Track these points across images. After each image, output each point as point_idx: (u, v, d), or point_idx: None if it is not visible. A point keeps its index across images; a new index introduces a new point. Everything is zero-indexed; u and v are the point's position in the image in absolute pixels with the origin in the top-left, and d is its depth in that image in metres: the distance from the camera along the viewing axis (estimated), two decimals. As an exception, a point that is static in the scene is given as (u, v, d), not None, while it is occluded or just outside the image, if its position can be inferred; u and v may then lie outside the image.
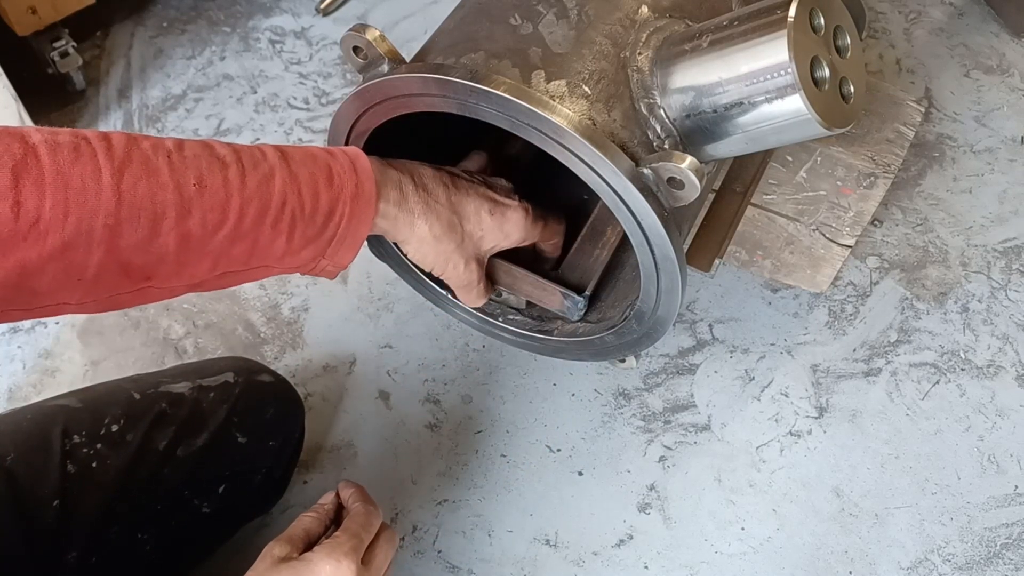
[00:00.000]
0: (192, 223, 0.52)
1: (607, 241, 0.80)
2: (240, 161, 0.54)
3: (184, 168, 0.52)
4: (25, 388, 0.97)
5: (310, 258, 0.59)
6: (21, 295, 0.49)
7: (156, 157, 0.51)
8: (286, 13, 1.32)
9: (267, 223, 0.55)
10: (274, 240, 0.56)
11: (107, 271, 0.50)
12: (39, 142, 0.48)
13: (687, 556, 0.89)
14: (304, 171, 0.57)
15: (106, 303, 0.53)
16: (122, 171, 0.49)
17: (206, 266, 0.54)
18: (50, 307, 0.51)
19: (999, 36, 1.31)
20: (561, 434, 0.96)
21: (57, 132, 0.50)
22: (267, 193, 0.54)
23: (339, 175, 0.58)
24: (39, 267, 0.47)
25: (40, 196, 0.46)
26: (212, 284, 0.57)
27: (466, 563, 0.89)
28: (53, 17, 1.09)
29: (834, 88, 0.60)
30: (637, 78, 0.63)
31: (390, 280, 1.05)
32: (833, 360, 1.01)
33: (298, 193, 0.56)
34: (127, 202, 0.49)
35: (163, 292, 0.55)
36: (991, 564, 0.89)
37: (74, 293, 0.50)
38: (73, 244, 0.48)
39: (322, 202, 0.57)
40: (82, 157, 0.49)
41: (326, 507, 0.68)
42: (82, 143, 0.49)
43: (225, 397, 0.77)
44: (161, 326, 1.02)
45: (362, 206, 0.59)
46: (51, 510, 0.67)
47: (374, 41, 0.63)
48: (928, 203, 1.14)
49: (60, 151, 0.48)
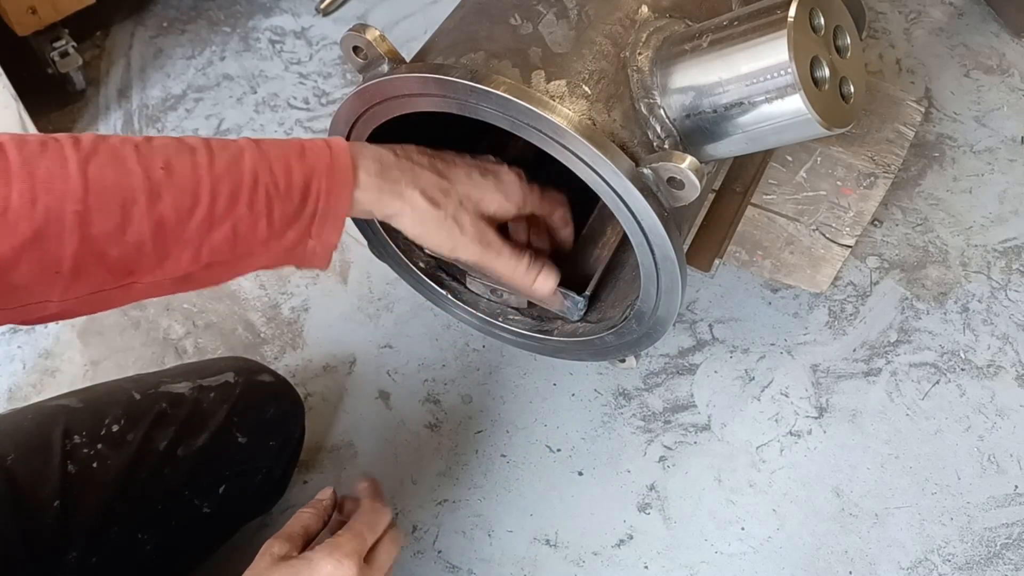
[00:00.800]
0: (163, 207, 0.51)
1: (607, 241, 0.80)
2: (208, 145, 0.54)
3: (151, 155, 0.52)
4: (25, 388, 0.97)
5: (296, 240, 0.57)
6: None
7: (123, 147, 0.51)
8: (286, 13, 1.32)
9: (242, 203, 0.54)
10: (255, 223, 0.55)
11: (84, 263, 0.50)
12: (6, 140, 0.49)
13: (687, 556, 0.89)
14: (274, 149, 0.56)
15: (91, 300, 0.53)
16: (88, 160, 0.50)
17: (188, 256, 0.53)
18: (32, 305, 0.51)
19: (999, 36, 1.31)
20: (561, 434, 0.96)
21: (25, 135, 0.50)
22: (237, 171, 0.54)
23: (311, 151, 0.57)
24: (12, 258, 0.48)
25: (7, 185, 0.47)
26: (201, 278, 0.56)
27: (466, 563, 0.89)
28: (53, 17, 1.09)
29: (834, 88, 0.60)
30: (637, 78, 0.63)
31: (390, 280, 1.05)
32: (833, 360, 1.01)
33: (269, 170, 0.55)
34: (95, 189, 0.49)
35: (149, 288, 0.54)
36: (991, 564, 0.89)
37: (54, 288, 0.50)
38: (44, 233, 0.48)
39: (295, 176, 0.56)
40: (48, 151, 0.49)
41: (324, 503, 0.67)
42: (50, 141, 0.50)
43: (225, 397, 0.77)
44: (161, 326, 1.02)
45: (339, 177, 0.57)
46: (51, 510, 0.67)
47: (374, 41, 0.63)
48: (928, 203, 1.14)
49: (26, 146, 0.49)
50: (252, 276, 1.06)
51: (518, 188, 0.67)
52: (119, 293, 0.53)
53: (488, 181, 0.65)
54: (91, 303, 0.53)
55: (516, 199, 0.67)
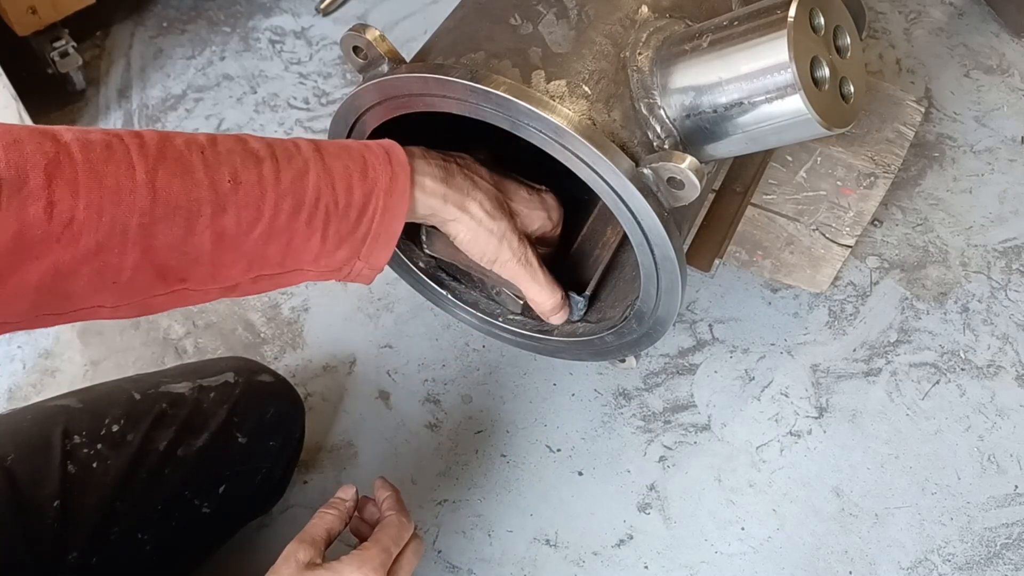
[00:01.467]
0: (227, 221, 0.50)
1: (607, 241, 0.80)
2: (274, 156, 0.53)
3: (218, 164, 0.51)
4: (25, 388, 0.97)
5: (345, 258, 0.57)
6: (54, 299, 0.48)
7: (190, 153, 0.50)
8: (286, 13, 1.32)
9: (301, 219, 0.53)
10: (309, 238, 0.54)
11: (142, 272, 0.49)
12: (71, 140, 0.47)
13: (687, 556, 0.89)
14: (338, 164, 0.55)
15: (140, 306, 0.52)
16: (156, 168, 0.48)
17: (241, 267, 0.53)
18: (83, 311, 0.50)
19: (999, 36, 1.31)
20: (561, 434, 0.96)
21: (88, 131, 0.48)
22: (301, 188, 0.53)
23: (373, 167, 0.56)
24: (73, 269, 0.47)
25: (74, 196, 0.46)
26: (246, 288, 0.55)
27: (466, 563, 0.89)
28: (53, 17, 1.09)
29: (834, 88, 0.60)
30: (637, 78, 0.63)
31: (390, 280, 1.05)
32: (833, 360, 1.01)
33: (332, 187, 0.54)
34: (162, 200, 0.48)
35: (197, 295, 0.54)
36: (991, 564, 0.89)
37: (109, 296, 0.50)
38: (107, 245, 0.47)
39: (355, 196, 0.55)
40: (115, 155, 0.48)
41: (347, 503, 0.67)
42: (114, 140, 0.48)
43: (225, 397, 0.77)
44: (161, 326, 1.02)
45: (396, 198, 0.57)
46: (52, 510, 0.67)
47: (374, 41, 0.63)
48: (928, 203, 1.14)
49: (93, 149, 0.47)
50: (252, 276, 1.06)
51: (557, 211, 0.69)
52: (167, 299, 0.53)
53: (534, 199, 0.67)
54: (139, 308, 0.52)
55: (556, 220, 0.69)
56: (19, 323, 0.49)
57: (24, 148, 0.45)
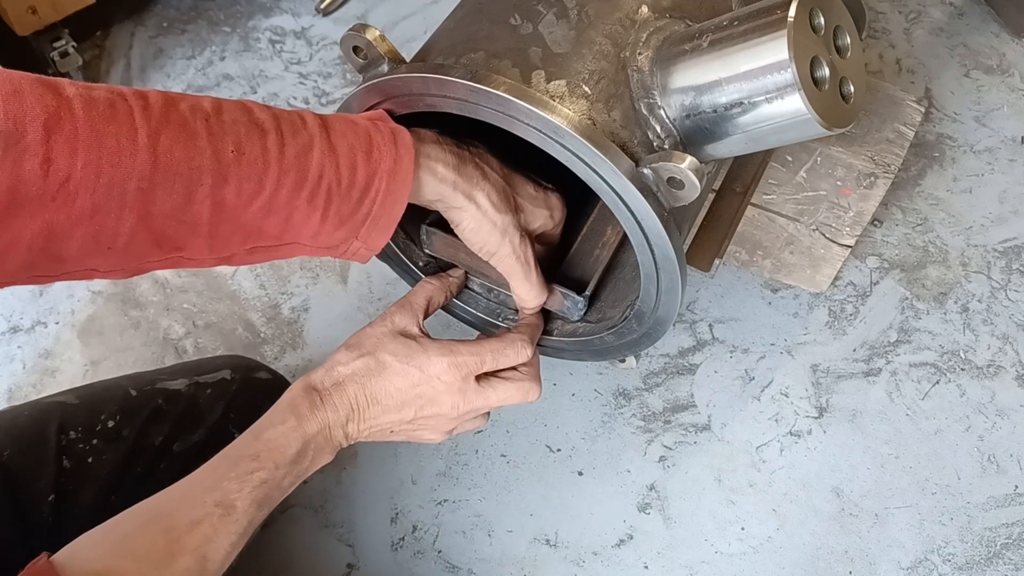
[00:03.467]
0: (228, 191, 0.50)
1: (607, 241, 0.80)
2: (280, 128, 0.52)
3: (223, 133, 0.49)
4: (25, 388, 0.97)
5: (343, 238, 0.56)
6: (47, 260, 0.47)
7: (194, 120, 0.49)
8: (286, 13, 1.32)
9: (303, 196, 0.52)
10: (309, 216, 0.53)
11: (138, 238, 0.48)
12: (73, 95, 0.45)
13: (687, 556, 0.89)
14: (343, 143, 0.54)
15: (134, 271, 0.52)
16: (159, 132, 0.47)
17: (238, 239, 0.52)
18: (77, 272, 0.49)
19: (999, 36, 1.31)
20: (561, 434, 0.96)
21: (92, 87, 0.47)
22: (305, 164, 0.52)
23: (379, 148, 0.55)
24: (67, 231, 0.46)
25: (72, 154, 0.44)
26: (242, 258, 0.55)
27: (466, 563, 0.89)
28: (53, 17, 1.09)
29: (834, 88, 0.60)
30: (637, 78, 0.63)
31: (390, 280, 1.05)
32: (833, 360, 1.01)
33: (336, 166, 0.53)
34: (162, 165, 0.47)
35: (192, 263, 0.53)
36: (991, 564, 0.89)
37: (103, 260, 0.49)
38: (104, 208, 0.46)
39: (359, 177, 0.54)
40: (118, 115, 0.46)
41: (451, 278, 0.68)
42: (118, 100, 0.47)
43: (222, 394, 0.77)
44: (161, 326, 1.02)
45: (399, 182, 0.56)
46: (47, 505, 0.67)
47: (374, 41, 0.63)
48: (928, 203, 1.14)
49: (95, 107, 0.45)
50: (252, 276, 1.06)
51: (560, 210, 0.69)
52: (162, 264, 0.52)
53: (540, 196, 0.67)
54: (133, 271, 0.52)
55: (558, 219, 0.69)
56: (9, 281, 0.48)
57: (24, 100, 0.44)
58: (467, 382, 0.61)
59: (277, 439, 0.57)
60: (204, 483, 0.55)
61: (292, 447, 0.57)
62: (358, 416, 0.61)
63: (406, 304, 0.64)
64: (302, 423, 0.58)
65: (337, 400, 0.60)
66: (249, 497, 0.55)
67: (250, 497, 0.55)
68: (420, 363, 0.61)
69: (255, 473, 0.56)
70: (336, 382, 0.61)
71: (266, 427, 0.58)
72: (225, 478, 0.55)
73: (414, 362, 0.61)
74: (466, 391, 0.62)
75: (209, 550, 0.52)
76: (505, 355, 0.63)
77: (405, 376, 0.61)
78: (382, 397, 0.61)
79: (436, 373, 0.60)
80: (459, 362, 0.61)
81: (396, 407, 0.61)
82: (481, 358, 0.62)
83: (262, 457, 0.56)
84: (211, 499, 0.54)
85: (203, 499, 0.54)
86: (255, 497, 0.55)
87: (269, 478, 0.56)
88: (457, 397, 0.61)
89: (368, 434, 0.63)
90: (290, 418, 0.59)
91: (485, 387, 0.63)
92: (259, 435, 0.58)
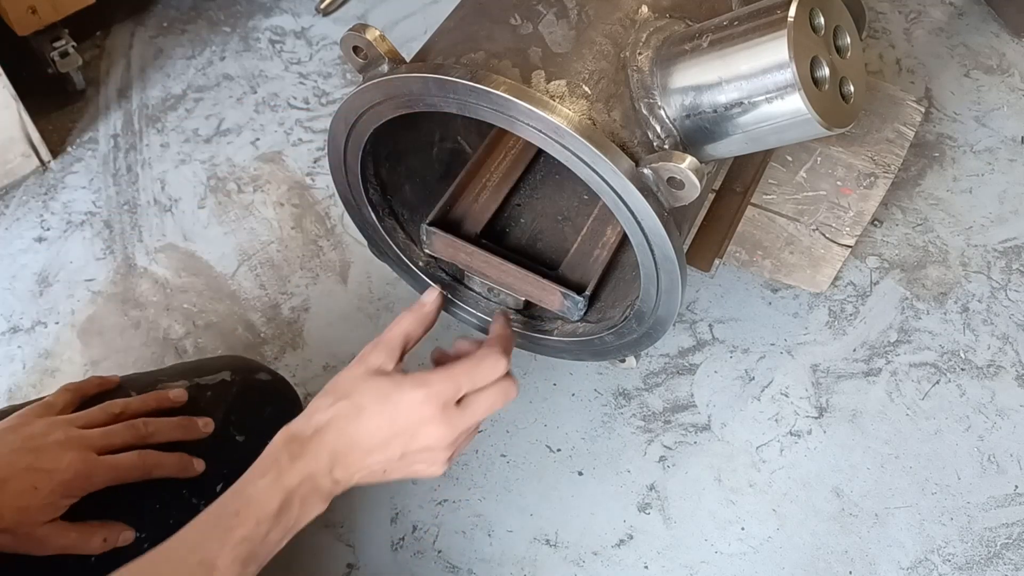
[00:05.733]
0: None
1: (607, 241, 0.80)
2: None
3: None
4: (25, 388, 0.97)
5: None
6: None
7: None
8: (286, 13, 1.32)
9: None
10: None
11: None
12: None
13: (687, 556, 0.89)
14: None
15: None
16: None
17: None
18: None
19: (999, 36, 1.31)
20: (561, 434, 0.96)
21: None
22: None
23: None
24: None
25: None
26: None
27: (466, 563, 0.89)
28: (53, 17, 1.09)
29: (834, 88, 0.60)
30: (637, 78, 0.63)
31: (390, 280, 1.05)
32: (833, 360, 1.01)
33: None
34: None
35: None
36: (991, 564, 0.89)
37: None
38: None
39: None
40: None
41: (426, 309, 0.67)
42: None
43: (222, 396, 0.77)
44: (161, 326, 1.02)
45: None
46: None
47: (374, 41, 0.63)
48: (928, 203, 1.14)
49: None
50: (252, 276, 1.06)
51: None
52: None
53: None
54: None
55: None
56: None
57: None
58: (447, 410, 0.61)
59: (257, 495, 0.57)
60: (186, 543, 0.56)
61: (274, 501, 0.57)
62: (342, 461, 0.60)
63: (380, 343, 0.63)
64: (282, 475, 0.58)
65: (317, 448, 0.59)
66: (230, 555, 0.55)
67: (231, 555, 0.55)
68: (395, 400, 0.60)
69: (235, 531, 0.56)
70: (316, 430, 0.60)
71: (247, 483, 0.58)
72: (207, 537, 0.56)
73: (390, 400, 0.60)
74: (449, 418, 0.61)
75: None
76: (480, 373, 0.63)
77: (381, 416, 0.60)
78: (363, 439, 0.60)
79: (412, 408, 0.60)
80: (434, 392, 0.60)
81: (379, 447, 0.61)
82: (456, 383, 0.61)
83: (242, 514, 0.56)
84: (193, 559, 0.54)
85: (187, 559, 0.55)
86: (237, 555, 0.55)
87: (250, 535, 0.56)
88: (442, 428, 0.61)
89: (359, 478, 0.62)
90: (271, 471, 0.58)
91: (466, 406, 0.62)
92: (241, 491, 0.58)
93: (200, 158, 1.16)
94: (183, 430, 0.71)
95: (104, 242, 1.08)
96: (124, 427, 0.68)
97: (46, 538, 0.62)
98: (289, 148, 1.17)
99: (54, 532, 0.63)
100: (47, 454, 0.62)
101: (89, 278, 1.05)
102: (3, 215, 1.10)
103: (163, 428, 0.70)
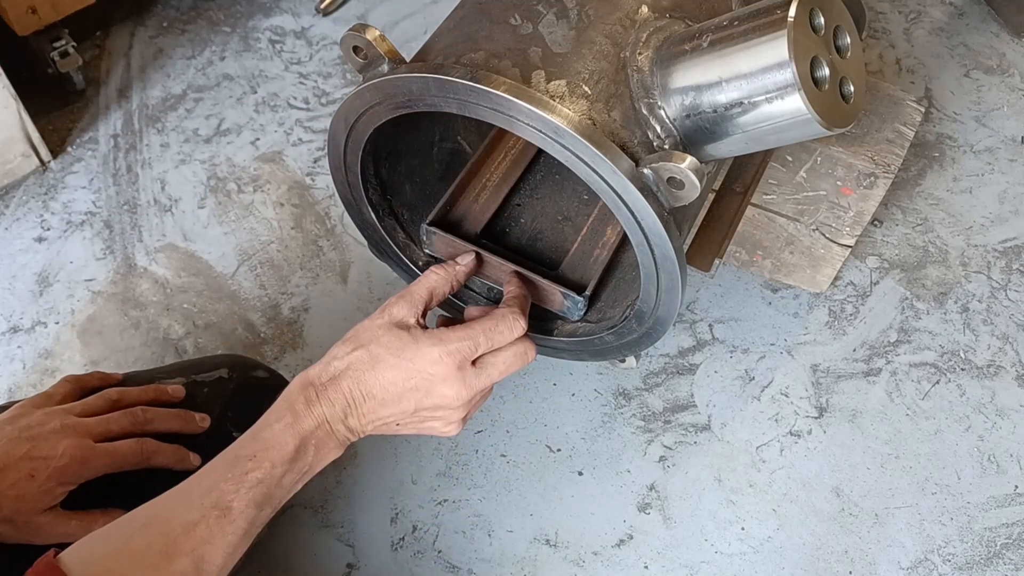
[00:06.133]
0: None
1: (607, 241, 0.80)
2: None
3: None
4: (25, 388, 0.97)
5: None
6: None
7: None
8: (286, 13, 1.32)
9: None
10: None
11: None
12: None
13: (687, 556, 0.89)
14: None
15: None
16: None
17: None
18: None
19: (999, 36, 1.31)
20: (561, 434, 0.96)
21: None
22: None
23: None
24: None
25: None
26: None
27: (466, 563, 0.89)
28: (53, 17, 1.09)
29: (834, 88, 0.60)
30: (637, 78, 0.63)
31: (390, 280, 1.05)
32: (833, 360, 1.01)
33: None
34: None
35: None
36: (991, 564, 0.89)
37: None
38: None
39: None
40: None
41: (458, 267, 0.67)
42: None
43: (219, 392, 0.77)
44: (161, 326, 1.02)
45: None
46: None
47: (374, 41, 0.63)
48: (928, 203, 1.14)
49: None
50: (252, 276, 1.06)
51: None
52: None
53: None
54: None
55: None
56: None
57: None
58: (464, 368, 0.61)
59: (273, 437, 0.58)
60: (202, 485, 0.55)
61: (289, 444, 0.58)
62: (356, 410, 0.61)
63: (406, 295, 0.64)
64: (298, 420, 0.59)
65: (333, 395, 0.60)
66: (246, 497, 0.55)
67: (247, 497, 0.55)
68: (411, 355, 0.60)
69: (251, 473, 0.56)
70: (332, 376, 0.61)
71: (263, 427, 0.59)
72: (222, 479, 0.55)
73: (405, 354, 0.60)
74: (465, 377, 0.61)
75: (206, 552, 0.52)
76: (499, 332, 0.63)
77: (397, 369, 0.60)
78: (377, 391, 0.61)
79: (428, 364, 0.60)
80: (451, 350, 0.60)
81: (393, 400, 0.61)
82: (474, 341, 0.61)
83: (258, 456, 0.56)
84: (207, 501, 0.54)
85: (200, 501, 0.54)
86: (252, 497, 0.55)
87: (266, 477, 0.56)
88: (458, 386, 0.61)
89: (373, 428, 0.62)
90: (286, 415, 0.59)
91: (483, 367, 0.62)
92: (257, 435, 0.58)
93: (200, 158, 1.16)
94: (181, 420, 0.71)
95: (104, 242, 1.08)
96: (122, 415, 0.68)
97: (47, 527, 0.62)
98: (289, 148, 1.17)
99: (55, 520, 0.63)
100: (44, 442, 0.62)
101: (89, 278, 1.05)
102: (3, 215, 1.10)
103: (161, 417, 0.70)
